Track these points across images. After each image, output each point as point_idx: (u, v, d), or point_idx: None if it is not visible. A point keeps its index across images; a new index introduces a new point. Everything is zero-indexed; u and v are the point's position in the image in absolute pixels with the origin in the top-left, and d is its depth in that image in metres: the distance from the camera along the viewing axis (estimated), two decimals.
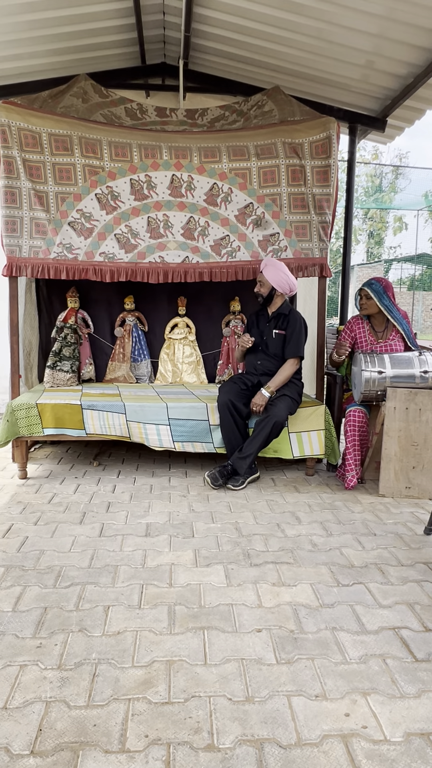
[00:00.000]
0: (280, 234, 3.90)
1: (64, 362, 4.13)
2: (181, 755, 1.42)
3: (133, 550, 2.57)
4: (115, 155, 3.74)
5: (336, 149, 3.82)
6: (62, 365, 4.12)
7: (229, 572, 2.37)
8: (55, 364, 4.13)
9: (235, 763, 1.40)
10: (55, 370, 4.12)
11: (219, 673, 1.73)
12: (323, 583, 2.30)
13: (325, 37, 3.82)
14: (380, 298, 3.59)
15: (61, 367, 4.11)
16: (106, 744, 1.45)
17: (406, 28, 3.54)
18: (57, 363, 4.13)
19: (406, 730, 1.52)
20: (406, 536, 2.80)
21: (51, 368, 4.13)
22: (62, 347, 4.15)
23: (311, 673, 1.74)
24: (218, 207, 3.87)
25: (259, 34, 3.99)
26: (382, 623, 2.02)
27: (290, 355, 3.63)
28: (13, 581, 2.26)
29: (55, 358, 4.14)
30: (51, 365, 4.13)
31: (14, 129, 3.56)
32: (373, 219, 21.18)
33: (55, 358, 4.14)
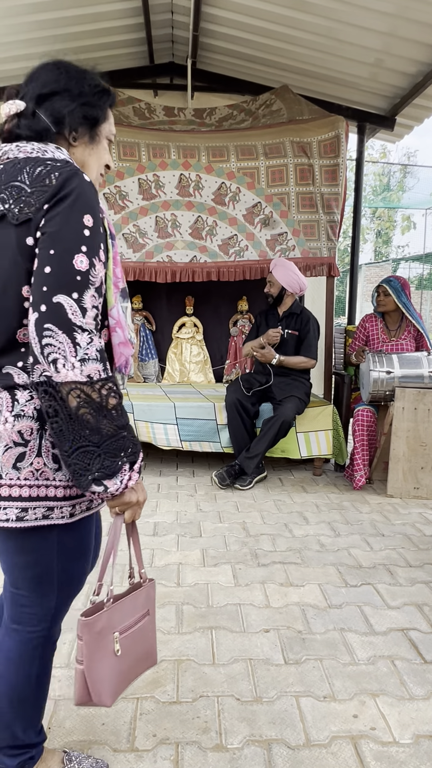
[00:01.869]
0: (288, 233, 3.90)
1: None
2: (189, 755, 1.42)
3: (141, 549, 2.57)
4: (123, 155, 3.75)
5: (345, 148, 3.80)
6: None
7: (236, 572, 2.37)
8: None
9: (243, 763, 1.40)
10: None
11: (227, 673, 1.73)
12: (331, 583, 2.30)
13: (335, 36, 3.81)
14: (398, 295, 3.60)
15: None
16: (115, 743, 1.45)
17: (416, 26, 3.52)
18: None
19: (415, 731, 1.51)
20: (414, 537, 2.79)
21: None
22: None
23: (319, 673, 1.74)
24: (226, 206, 3.87)
25: (268, 32, 3.98)
26: (391, 624, 2.01)
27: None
28: None
29: None
30: None
31: None
32: (381, 218, 21.11)
33: None
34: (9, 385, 1.04)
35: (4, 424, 1.02)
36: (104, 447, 0.98)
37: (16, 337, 1.04)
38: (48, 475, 1.05)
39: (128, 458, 1.01)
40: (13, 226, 0.99)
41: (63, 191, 0.98)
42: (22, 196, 0.99)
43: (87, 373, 0.96)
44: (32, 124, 1.08)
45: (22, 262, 1.00)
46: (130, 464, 1.02)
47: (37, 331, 0.96)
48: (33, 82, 1.11)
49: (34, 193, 0.98)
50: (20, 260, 1.00)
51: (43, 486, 1.05)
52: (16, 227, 0.99)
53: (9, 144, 1.07)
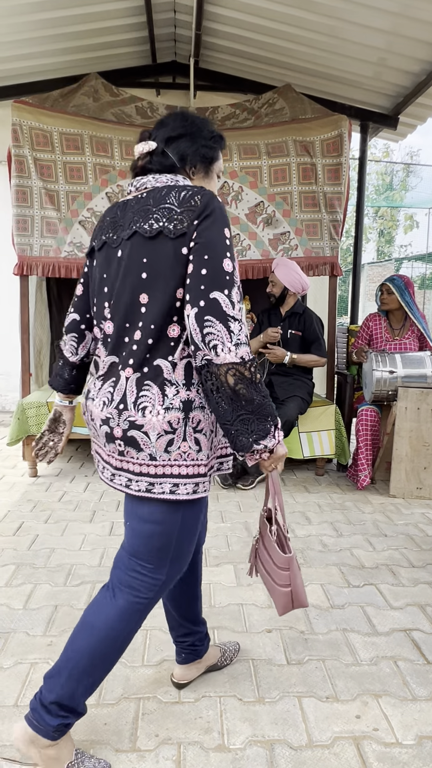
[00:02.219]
0: (290, 233, 3.89)
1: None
2: (192, 755, 1.41)
3: None
4: (126, 154, 3.74)
5: (347, 147, 3.79)
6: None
7: (239, 572, 2.37)
8: None
9: (246, 763, 1.39)
10: None
11: (229, 674, 1.72)
12: (334, 584, 2.29)
13: (337, 35, 3.80)
14: (402, 294, 3.60)
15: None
16: (117, 743, 1.45)
17: (419, 25, 3.51)
18: None
19: (418, 733, 1.50)
20: (417, 537, 2.78)
21: None
22: None
23: (322, 674, 1.73)
24: (229, 206, 3.86)
25: (271, 31, 3.97)
26: (394, 625, 2.01)
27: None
28: (24, 579, 2.27)
29: None
30: None
31: (25, 128, 3.57)
32: (383, 217, 21.06)
33: None
34: (159, 379, 1.24)
35: (156, 416, 1.22)
36: (257, 413, 1.18)
37: (167, 332, 1.24)
38: (192, 456, 1.25)
39: (273, 421, 1.20)
40: (171, 240, 1.21)
41: (207, 210, 1.21)
42: (174, 215, 1.22)
43: (240, 355, 1.17)
44: (162, 160, 1.34)
45: (178, 268, 1.21)
46: (275, 426, 1.21)
47: (197, 323, 1.17)
48: (163, 127, 1.36)
49: (183, 212, 1.21)
50: (177, 267, 1.21)
51: (192, 465, 1.25)
52: (172, 240, 1.21)
53: (144, 176, 1.33)
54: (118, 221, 1.32)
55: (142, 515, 1.30)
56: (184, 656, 1.64)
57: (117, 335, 1.30)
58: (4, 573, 2.31)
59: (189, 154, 1.35)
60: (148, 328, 1.24)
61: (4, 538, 2.66)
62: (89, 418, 1.35)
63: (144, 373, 1.25)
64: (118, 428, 1.25)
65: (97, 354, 1.39)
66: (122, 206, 1.34)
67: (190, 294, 1.19)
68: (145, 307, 1.24)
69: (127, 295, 1.27)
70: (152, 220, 1.23)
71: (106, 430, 1.27)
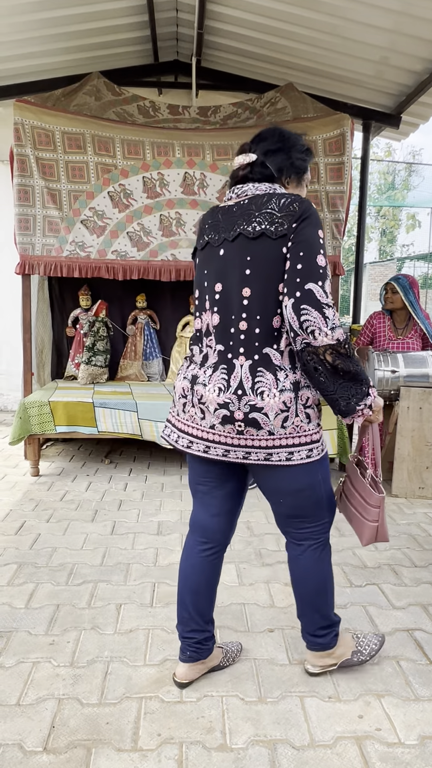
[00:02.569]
0: None
1: (98, 356, 4.12)
2: (194, 754, 1.41)
3: (145, 548, 2.57)
4: (128, 153, 3.74)
5: (350, 146, 3.78)
6: (96, 360, 4.11)
7: (241, 571, 2.37)
8: (90, 359, 4.12)
9: (248, 763, 1.39)
10: (90, 365, 4.12)
11: (231, 673, 1.72)
12: (336, 583, 2.28)
13: (340, 33, 3.79)
14: (406, 293, 3.59)
15: (96, 361, 4.11)
16: (119, 742, 1.45)
17: (422, 23, 3.50)
18: (92, 358, 4.12)
19: (420, 733, 1.50)
20: (419, 537, 2.78)
21: (86, 363, 4.12)
22: (96, 341, 4.14)
23: (324, 674, 1.73)
24: None
25: (273, 30, 3.97)
26: (396, 625, 2.00)
27: None
28: (26, 578, 2.27)
29: (90, 353, 4.13)
30: (86, 361, 4.13)
31: (28, 127, 3.57)
32: (385, 217, 21.03)
33: (90, 353, 4.13)
34: (271, 366, 1.43)
35: (273, 398, 1.42)
36: (354, 380, 1.40)
37: (271, 323, 1.42)
38: (304, 428, 1.47)
39: (367, 382, 1.42)
40: (272, 240, 1.40)
41: (305, 214, 1.39)
42: (275, 219, 1.40)
43: (336, 337, 1.36)
44: (262, 170, 1.52)
45: (279, 266, 1.39)
46: (368, 386, 1.43)
47: (295, 311, 1.36)
48: (262, 142, 1.55)
49: (284, 216, 1.40)
50: (278, 264, 1.39)
51: (303, 435, 1.47)
52: (274, 240, 1.39)
53: (244, 185, 1.52)
54: (220, 224, 1.51)
55: (278, 488, 1.55)
56: (189, 654, 1.66)
57: (223, 326, 1.47)
58: (6, 572, 2.31)
59: (285, 166, 1.53)
60: (254, 320, 1.42)
61: (6, 537, 2.66)
62: (196, 401, 1.51)
63: (255, 360, 1.43)
64: (239, 412, 1.43)
65: (207, 344, 1.54)
66: (224, 211, 1.52)
67: (287, 287, 1.37)
68: (248, 300, 1.42)
69: (232, 290, 1.44)
70: (255, 223, 1.42)
71: (224, 413, 1.44)
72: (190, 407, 1.53)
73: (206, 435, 1.50)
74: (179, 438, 1.58)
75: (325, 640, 1.67)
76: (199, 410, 1.50)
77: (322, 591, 1.65)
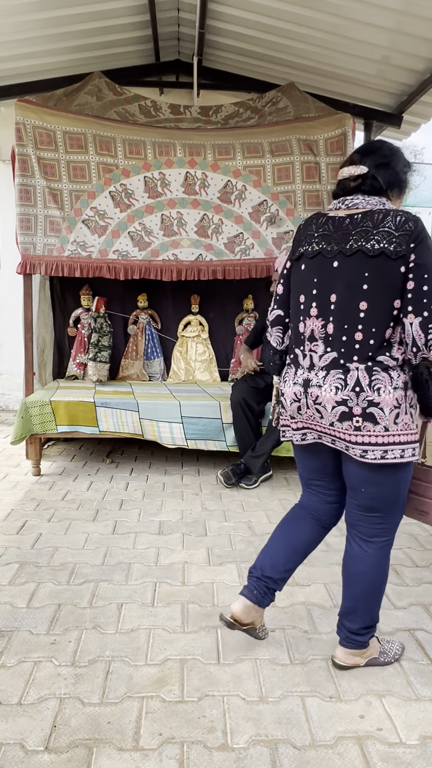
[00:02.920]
0: (294, 231, 3.88)
1: (104, 353, 4.10)
2: (195, 754, 1.41)
3: (146, 547, 2.58)
4: (129, 153, 3.74)
5: (351, 146, 3.78)
6: (102, 356, 4.09)
7: (242, 571, 2.37)
8: (96, 356, 4.11)
9: (249, 763, 1.39)
10: (96, 362, 4.11)
11: (232, 673, 1.72)
12: (337, 583, 2.29)
13: (341, 33, 3.78)
14: None
15: (101, 357, 4.09)
16: (120, 741, 1.45)
17: (423, 23, 3.49)
18: (97, 354, 4.11)
19: (421, 732, 1.50)
20: (420, 537, 2.77)
21: (93, 360, 4.10)
22: (100, 337, 4.13)
23: (325, 674, 1.73)
24: (232, 204, 3.85)
25: (274, 30, 3.96)
26: (397, 624, 2.00)
27: None
28: (27, 577, 2.27)
29: (95, 349, 4.11)
30: (93, 357, 4.11)
31: (29, 127, 3.57)
32: None
33: (96, 350, 4.11)
34: (384, 367, 1.52)
35: (389, 395, 1.51)
36: None
37: (385, 335, 1.52)
38: (410, 426, 1.55)
39: None
40: (392, 260, 1.47)
41: (420, 235, 1.48)
42: (393, 239, 1.48)
43: None
44: (373, 183, 1.59)
45: (397, 283, 1.48)
46: None
47: (422, 329, 1.46)
48: (371, 155, 1.61)
49: (401, 236, 1.48)
50: (396, 282, 1.48)
51: (410, 434, 1.56)
52: (393, 260, 1.47)
53: (353, 197, 1.60)
54: (332, 235, 1.58)
55: (380, 480, 1.60)
56: (255, 593, 1.76)
57: (336, 333, 1.56)
58: (8, 571, 2.32)
59: (393, 181, 1.62)
60: (369, 331, 1.52)
61: (8, 536, 2.67)
62: (311, 402, 1.61)
63: (369, 365, 1.53)
64: (357, 407, 1.52)
65: (311, 348, 1.63)
66: (334, 222, 1.59)
67: (413, 305, 1.47)
68: (365, 313, 1.52)
69: (348, 301, 1.53)
70: (374, 240, 1.50)
71: (342, 410, 1.54)
72: (305, 409, 1.64)
73: (328, 431, 1.62)
74: (305, 435, 1.70)
75: (364, 639, 1.72)
76: (316, 410, 1.61)
77: (379, 590, 1.71)
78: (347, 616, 1.73)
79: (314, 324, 1.61)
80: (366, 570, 1.68)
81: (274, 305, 1.79)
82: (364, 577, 1.68)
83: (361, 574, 1.69)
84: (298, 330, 1.67)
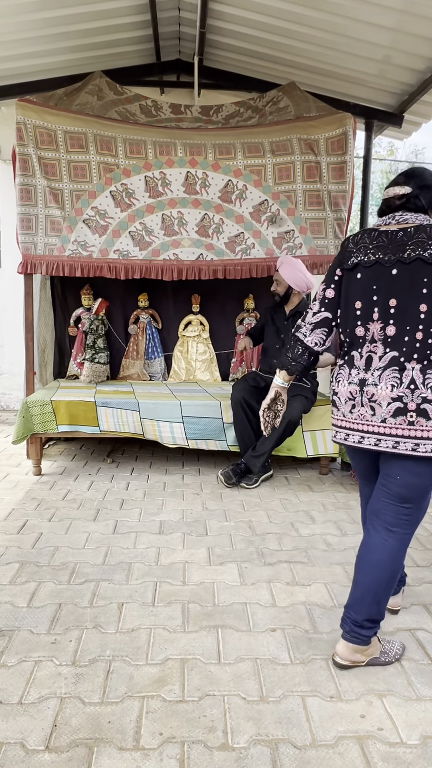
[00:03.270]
0: (294, 231, 3.88)
1: (101, 354, 4.12)
2: (196, 754, 1.41)
3: (147, 547, 2.58)
4: (130, 152, 3.74)
5: (352, 145, 3.78)
6: (99, 357, 4.11)
7: (242, 571, 2.37)
8: (93, 357, 4.12)
9: (250, 762, 1.39)
10: (94, 363, 4.12)
11: (233, 672, 1.72)
12: (338, 582, 2.29)
13: (342, 32, 3.78)
14: None
15: (99, 359, 4.11)
16: (121, 741, 1.45)
17: (424, 22, 3.49)
18: (95, 356, 4.12)
19: (422, 732, 1.50)
20: (421, 537, 2.77)
21: (90, 362, 4.12)
22: (96, 339, 4.15)
23: (326, 673, 1.73)
24: (233, 204, 3.85)
25: (275, 29, 3.96)
26: (398, 624, 2.00)
27: None
28: (28, 577, 2.27)
29: (92, 351, 4.13)
30: (90, 359, 4.13)
31: (30, 127, 3.57)
32: None
33: (92, 351, 4.13)
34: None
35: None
36: None
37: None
38: None
39: None
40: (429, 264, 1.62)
41: None
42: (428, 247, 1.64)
43: None
44: (416, 202, 1.75)
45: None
46: None
47: None
48: (415, 177, 1.77)
49: None
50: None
51: None
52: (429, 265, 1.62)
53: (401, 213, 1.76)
54: (387, 246, 1.72)
55: (419, 471, 1.68)
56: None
57: (397, 335, 1.67)
58: (8, 571, 2.32)
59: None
60: (428, 331, 1.63)
61: (9, 536, 2.67)
62: (365, 400, 1.71)
63: (425, 364, 1.64)
64: (412, 403, 1.64)
65: (370, 349, 1.73)
66: (387, 235, 1.73)
67: None
68: (425, 314, 1.63)
69: (408, 305, 1.65)
70: (430, 249, 1.63)
71: (397, 405, 1.65)
72: (359, 407, 1.73)
73: (377, 429, 1.70)
74: (348, 436, 1.78)
75: (369, 634, 1.75)
76: (369, 408, 1.71)
77: (391, 581, 1.75)
78: (354, 606, 1.75)
79: (374, 327, 1.72)
80: (383, 558, 1.73)
81: (321, 308, 1.87)
82: (380, 565, 1.73)
83: (378, 562, 1.73)
84: (355, 334, 1.77)
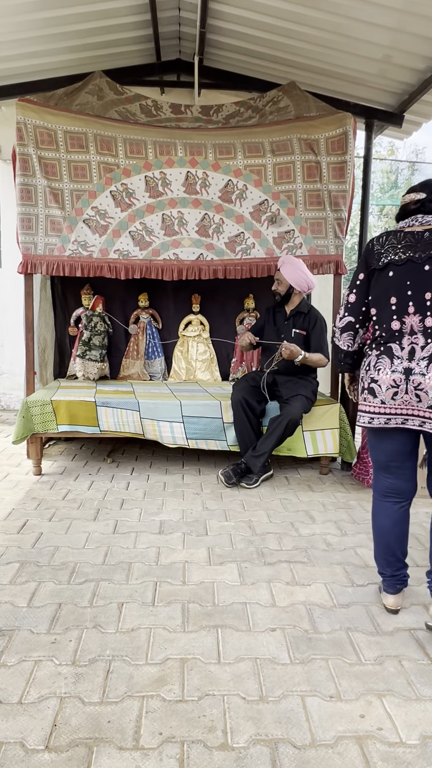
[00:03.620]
0: (295, 231, 3.88)
1: (94, 351, 4.10)
2: (195, 753, 1.41)
3: (147, 547, 2.58)
4: (130, 152, 3.75)
5: (352, 145, 3.78)
6: (92, 354, 4.09)
7: (242, 571, 2.37)
8: (85, 353, 4.10)
9: (249, 762, 1.39)
10: (85, 359, 4.10)
11: (233, 672, 1.72)
12: (338, 582, 2.29)
13: (342, 32, 3.78)
14: None
15: (91, 356, 4.09)
16: (120, 741, 1.45)
17: (425, 22, 3.49)
18: (87, 352, 4.10)
19: (422, 732, 1.50)
20: (421, 536, 2.77)
21: (81, 357, 4.11)
22: (92, 336, 4.13)
23: (326, 673, 1.73)
24: (233, 204, 3.85)
25: (275, 29, 3.96)
26: (398, 624, 2.00)
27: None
28: (28, 577, 2.27)
29: (85, 347, 4.11)
30: (81, 354, 4.11)
31: (30, 127, 3.57)
32: (388, 216, 20.99)
33: (85, 348, 4.11)
34: None
35: None
36: None
37: None
38: None
39: None
40: None
41: None
42: None
43: None
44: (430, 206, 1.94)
45: None
46: None
47: None
48: (429, 187, 1.97)
49: None
50: None
51: None
52: None
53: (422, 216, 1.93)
54: (415, 245, 1.87)
55: None
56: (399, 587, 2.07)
57: None
58: (9, 571, 2.32)
59: None
60: None
61: (9, 536, 2.67)
62: (411, 388, 1.85)
63: None
64: None
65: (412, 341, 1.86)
66: (414, 235, 1.89)
67: None
68: None
69: None
70: None
71: None
72: (403, 395, 1.87)
73: (423, 413, 1.85)
74: (390, 420, 1.92)
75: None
76: (415, 395, 1.85)
77: None
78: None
79: (412, 320, 1.85)
80: None
81: (345, 313, 2.04)
82: None
83: None
84: (391, 327, 1.91)
